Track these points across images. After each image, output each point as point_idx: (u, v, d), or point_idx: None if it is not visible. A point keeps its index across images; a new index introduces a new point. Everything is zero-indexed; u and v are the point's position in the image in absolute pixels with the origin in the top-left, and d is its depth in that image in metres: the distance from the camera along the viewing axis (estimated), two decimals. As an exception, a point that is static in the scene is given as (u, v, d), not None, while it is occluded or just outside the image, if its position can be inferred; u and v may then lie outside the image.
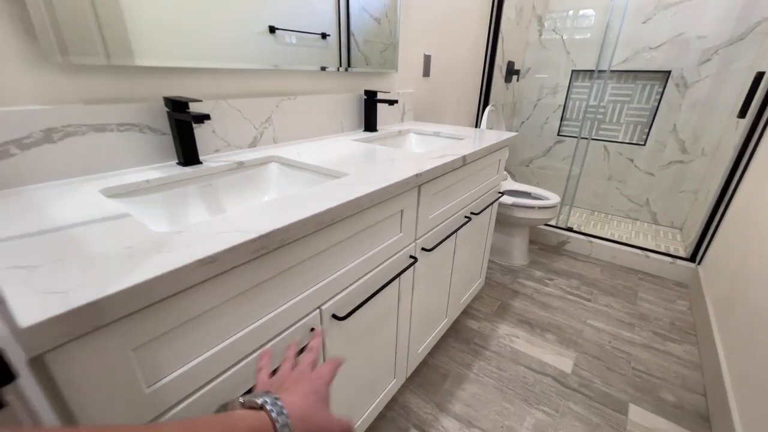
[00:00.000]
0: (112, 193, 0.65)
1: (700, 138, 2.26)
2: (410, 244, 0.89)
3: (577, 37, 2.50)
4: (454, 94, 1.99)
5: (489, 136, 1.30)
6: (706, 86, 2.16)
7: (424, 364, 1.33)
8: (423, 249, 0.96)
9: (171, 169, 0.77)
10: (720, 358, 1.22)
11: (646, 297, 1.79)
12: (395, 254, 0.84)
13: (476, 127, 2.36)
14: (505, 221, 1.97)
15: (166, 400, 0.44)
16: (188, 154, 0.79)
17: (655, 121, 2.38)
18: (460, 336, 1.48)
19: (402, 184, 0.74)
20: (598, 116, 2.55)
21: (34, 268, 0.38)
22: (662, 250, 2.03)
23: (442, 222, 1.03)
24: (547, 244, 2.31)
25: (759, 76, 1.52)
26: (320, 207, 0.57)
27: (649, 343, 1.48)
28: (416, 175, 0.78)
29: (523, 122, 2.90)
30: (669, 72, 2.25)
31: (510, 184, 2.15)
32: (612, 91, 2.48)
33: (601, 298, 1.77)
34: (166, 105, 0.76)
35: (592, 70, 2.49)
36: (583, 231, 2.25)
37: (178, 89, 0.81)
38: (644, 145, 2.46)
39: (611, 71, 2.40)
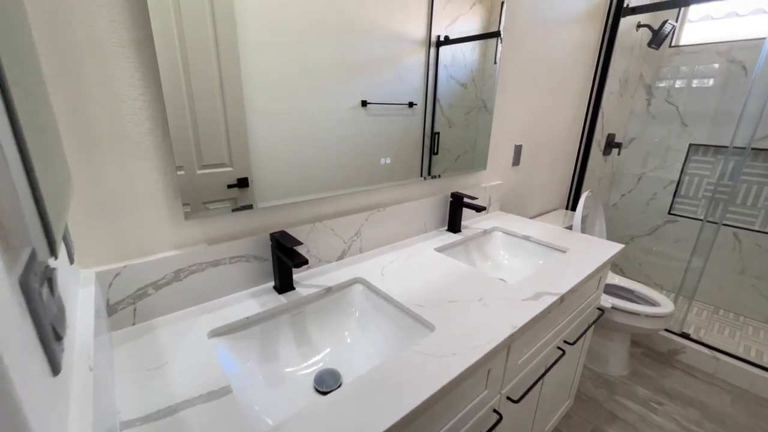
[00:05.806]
0: (217, 332, 0.71)
1: None
2: (495, 397, 0.80)
3: (696, 108, 2.19)
4: (544, 178, 1.87)
5: (591, 248, 1.16)
6: None
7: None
8: (509, 399, 0.86)
9: (268, 294, 0.82)
10: None
11: (806, 457, 1.36)
12: (478, 413, 0.76)
13: (568, 208, 2.17)
14: (601, 323, 1.71)
15: None
16: (284, 283, 0.84)
17: (811, 211, 1.91)
18: (541, 468, 1.28)
19: (494, 351, 0.68)
20: (727, 197, 2.14)
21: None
22: (829, 387, 1.54)
23: (532, 363, 0.92)
24: (653, 350, 1.94)
25: None
26: (412, 403, 0.54)
27: None
28: (509, 336, 0.71)
29: (623, 195, 2.59)
30: (833, 155, 1.81)
31: (609, 277, 1.88)
32: (747, 170, 2.08)
33: (735, 447, 1.39)
34: (271, 240, 0.83)
35: (723, 146, 2.13)
36: (705, 341, 1.84)
37: (283, 219, 0.89)
38: (795, 238, 1.98)
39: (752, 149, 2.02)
